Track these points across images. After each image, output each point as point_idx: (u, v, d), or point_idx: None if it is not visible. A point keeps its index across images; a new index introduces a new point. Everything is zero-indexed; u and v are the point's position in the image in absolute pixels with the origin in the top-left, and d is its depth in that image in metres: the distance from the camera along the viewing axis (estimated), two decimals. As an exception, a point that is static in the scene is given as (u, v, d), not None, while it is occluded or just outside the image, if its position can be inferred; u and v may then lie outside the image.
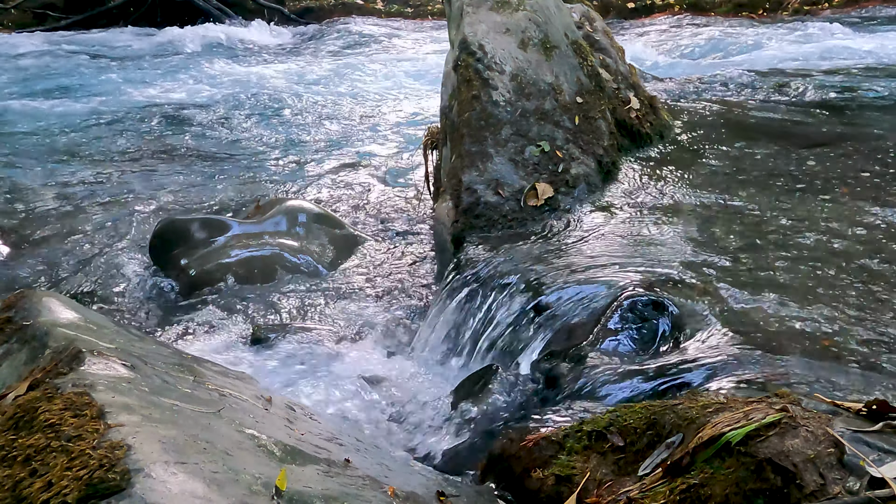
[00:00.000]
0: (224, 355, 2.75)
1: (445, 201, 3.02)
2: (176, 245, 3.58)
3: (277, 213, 3.76)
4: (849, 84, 4.97)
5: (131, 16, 11.96)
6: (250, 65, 9.00)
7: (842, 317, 2.02)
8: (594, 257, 2.53)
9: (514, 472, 1.59)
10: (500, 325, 2.42)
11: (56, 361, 1.39)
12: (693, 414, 1.37)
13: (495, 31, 3.25)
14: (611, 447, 1.45)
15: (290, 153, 5.57)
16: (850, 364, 1.79)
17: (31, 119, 6.57)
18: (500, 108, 3.10)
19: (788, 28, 9.12)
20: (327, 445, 1.50)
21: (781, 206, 2.87)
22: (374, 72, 8.38)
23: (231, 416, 1.41)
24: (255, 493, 1.11)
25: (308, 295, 3.28)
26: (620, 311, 2.16)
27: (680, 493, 1.20)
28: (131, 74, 8.35)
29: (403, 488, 1.38)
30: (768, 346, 1.88)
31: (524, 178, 2.99)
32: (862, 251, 2.45)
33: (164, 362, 1.60)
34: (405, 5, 13.11)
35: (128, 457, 1.07)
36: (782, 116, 4.16)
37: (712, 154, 3.50)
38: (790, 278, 2.27)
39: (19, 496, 1.07)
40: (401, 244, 3.80)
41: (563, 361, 2.10)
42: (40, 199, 4.62)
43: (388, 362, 2.65)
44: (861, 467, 1.12)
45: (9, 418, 1.24)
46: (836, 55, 7.16)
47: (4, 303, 1.69)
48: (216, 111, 6.85)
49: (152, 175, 5.08)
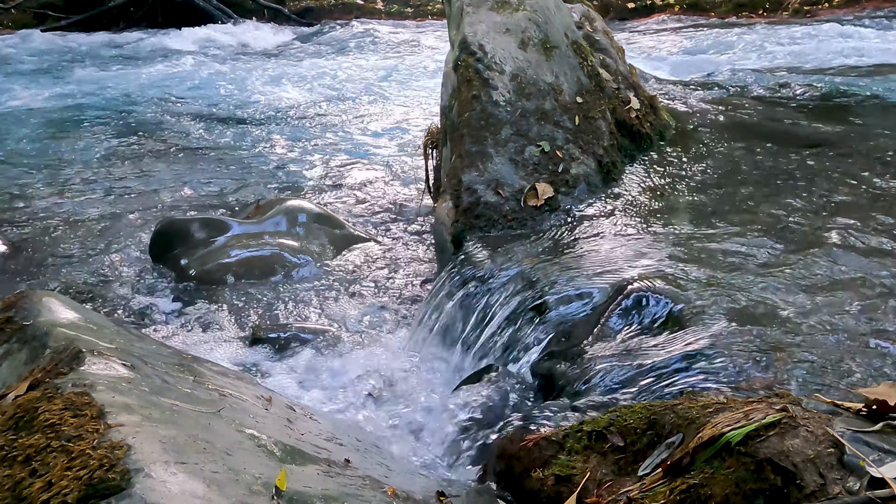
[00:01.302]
0: (224, 355, 2.76)
1: (445, 201, 3.02)
2: (176, 245, 3.58)
3: (277, 213, 3.76)
4: (849, 84, 4.97)
5: (131, 16, 11.96)
6: (250, 65, 9.00)
7: (844, 315, 2.02)
8: (594, 257, 2.53)
9: (514, 472, 1.59)
10: (500, 324, 2.42)
11: (56, 361, 1.39)
12: (693, 414, 1.37)
13: (495, 31, 3.25)
14: (611, 447, 1.45)
15: (291, 153, 5.57)
16: (853, 363, 1.79)
17: (31, 119, 6.58)
18: (500, 108, 3.10)
19: (788, 28, 9.12)
20: (327, 445, 1.50)
21: (781, 205, 2.87)
22: (374, 72, 8.38)
23: (231, 416, 1.41)
24: (255, 493, 1.11)
25: (308, 295, 3.28)
26: (620, 311, 2.16)
27: (680, 493, 1.20)
28: (131, 75, 8.35)
29: (403, 488, 1.38)
30: (770, 344, 1.88)
31: (524, 178, 2.99)
32: (862, 251, 2.45)
33: (164, 362, 1.60)
34: (405, 5, 13.11)
35: (128, 457, 1.07)
36: (782, 116, 4.16)
37: (712, 154, 3.50)
38: (790, 277, 2.27)
39: (19, 496, 1.07)
40: (401, 244, 3.80)
41: (563, 361, 2.10)
42: (40, 199, 4.62)
43: (387, 362, 2.65)
44: (861, 467, 1.12)
45: (9, 418, 1.24)
46: (836, 55, 7.16)
47: (4, 303, 1.69)
48: (216, 111, 6.85)
49: (152, 175, 5.08)
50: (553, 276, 2.43)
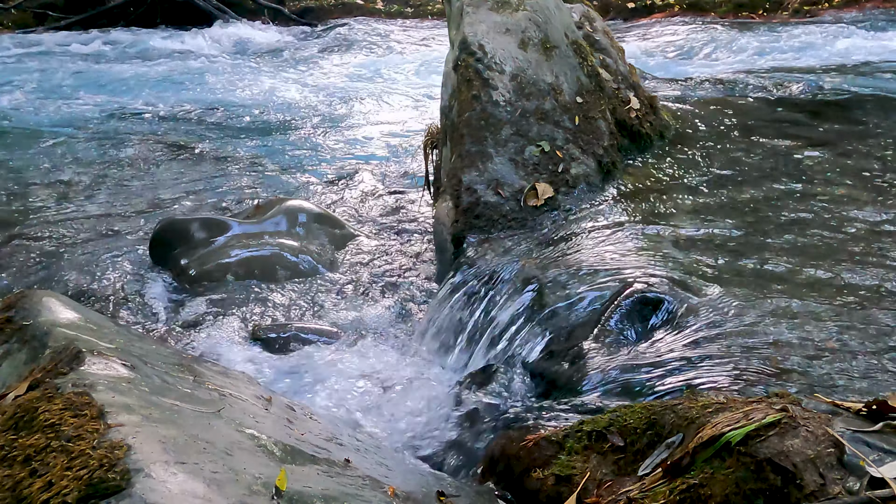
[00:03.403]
0: (224, 355, 2.76)
1: (445, 201, 3.02)
2: (176, 245, 3.58)
3: (277, 213, 3.76)
4: (849, 84, 4.97)
5: (131, 16, 11.95)
6: (250, 65, 8.99)
7: (844, 315, 2.02)
8: (594, 257, 2.53)
9: (514, 472, 1.59)
10: (500, 324, 2.42)
11: (56, 361, 1.39)
12: (693, 414, 1.37)
13: (495, 31, 3.25)
14: (611, 447, 1.45)
15: (290, 153, 5.57)
16: (852, 363, 1.79)
17: (31, 119, 6.57)
18: (500, 108, 3.10)
19: (788, 28, 9.12)
20: (327, 445, 1.50)
21: (781, 205, 2.87)
22: (374, 72, 8.38)
23: (231, 416, 1.41)
24: (255, 493, 1.11)
25: (308, 295, 3.28)
26: (621, 311, 2.16)
27: (680, 493, 1.20)
28: (130, 75, 8.35)
29: (403, 488, 1.38)
30: (770, 344, 1.88)
31: (524, 178, 2.99)
32: (863, 250, 2.45)
33: (164, 362, 1.60)
34: (405, 5, 13.10)
35: (128, 457, 1.07)
36: (782, 116, 4.16)
37: (712, 154, 3.50)
38: (791, 277, 2.27)
39: (19, 496, 1.07)
40: (401, 244, 3.80)
41: (564, 361, 2.10)
42: (40, 199, 4.62)
43: (388, 362, 2.65)
44: (861, 467, 1.12)
45: (9, 418, 1.24)
46: (836, 55, 7.16)
47: (4, 303, 1.69)
48: (215, 111, 6.85)
49: (152, 175, 5.08)
50: (553, 275, 2.43)
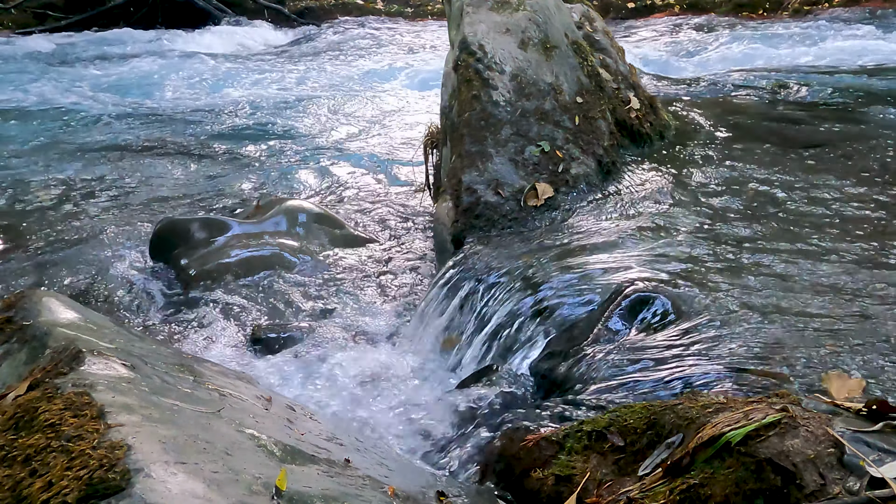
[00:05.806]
0: (224, 355, 2.76)
1: (445, 201, 3.02)
2: (176, 245, 3.58)
3: (277, 213, 3.76)
4: (848, 84, 4.97)
5: (131, 16, 11.95)
6: (250, 65, 9.00)
7: (842, 314, 2.02)
8: (594, 257, 2.53)
9: (514, 472, 1.59)
10: (500, 324, 2.42)
11: (56, 361, 1.39)
12: (693, 414, 1.37)
13: (495, 31, 3.25)
14: (611, 447, 1.45)
15: (290, 153, 5.57)
16: (850, 361, 1.79)
17: (31, 119, 6.57)
18: (500, 108, 3.10)
19: (788, 28, 9.12)
20: (327, 445, 1.50)
21: (781, 205, 2.87)
22: (374, 72, 8.38)
23: (231, 416, 1.41)
24: (255, 493, 1.11)
25: (308, 295, 3.28)
26: (620, 310, 2.16)
27: (680, 493, 1.20)
28: (130, 75, 8.35)
29: (403, 488, 1.38)
30: (770, 343, 1.88)
31: (524, 178, 2.99)
32: (862, 249, 2.45)
33: (164, 362, 1.60)
34: (405, 5, 13.11)
35: (128, 457, 1.07)
36: (782, 116, 4.16)
37: (712, 154, 3.50)
38: (791, 276, 2.27)
39: (19, 496, 1.07)
40: (401, 244, 3.80)
41: (563, 361, 2.10)
42: (40, 198, 4.62)
43: (388, 362, 2.65)
44: (861, 467, 1.12)
45: (9, 418, 1.24)
46: (836, 55, 7.16)
47: (4, 303, 1.69)
48: (215, 111, 6.85)
49: (152, 175, 5.08)
50: (553, 275, 2.43)
